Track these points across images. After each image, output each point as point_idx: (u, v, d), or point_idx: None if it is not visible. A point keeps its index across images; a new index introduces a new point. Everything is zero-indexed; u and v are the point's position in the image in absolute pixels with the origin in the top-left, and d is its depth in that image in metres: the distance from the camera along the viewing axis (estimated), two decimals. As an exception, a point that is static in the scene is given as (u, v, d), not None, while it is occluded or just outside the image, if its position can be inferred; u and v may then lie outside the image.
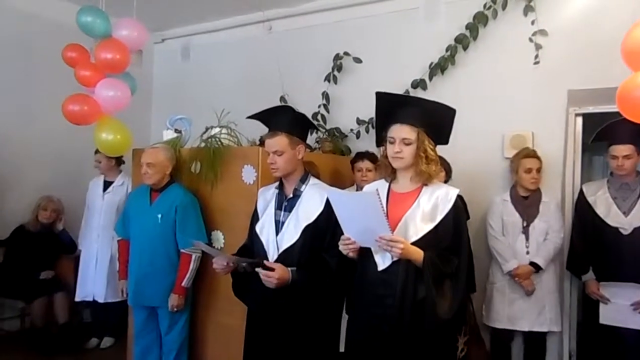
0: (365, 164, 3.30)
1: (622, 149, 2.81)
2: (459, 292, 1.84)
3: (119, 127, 3.35)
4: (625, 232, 2.83)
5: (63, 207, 4.17)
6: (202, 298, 3.14)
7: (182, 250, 2.96)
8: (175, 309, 2.92)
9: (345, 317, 2.11)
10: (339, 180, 3.45)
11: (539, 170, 3.15)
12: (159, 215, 2.93)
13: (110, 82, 3.24)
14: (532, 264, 3.08)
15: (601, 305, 2.89)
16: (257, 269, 2.11)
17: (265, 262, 2.13)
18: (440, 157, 3.06)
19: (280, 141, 2.16)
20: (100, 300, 3.90)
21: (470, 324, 3.25)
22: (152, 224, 2.94)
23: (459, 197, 1.95)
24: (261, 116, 2.32)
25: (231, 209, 3.00)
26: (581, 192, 3.06)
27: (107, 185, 4.05)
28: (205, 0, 4.39)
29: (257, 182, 2.88)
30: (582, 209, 3.02)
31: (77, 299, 3.99)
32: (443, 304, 1.79)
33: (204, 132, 3.21)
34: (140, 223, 3.01)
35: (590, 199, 2.98)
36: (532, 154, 3.19)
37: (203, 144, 3.13)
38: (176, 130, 3.38)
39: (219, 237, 3.07)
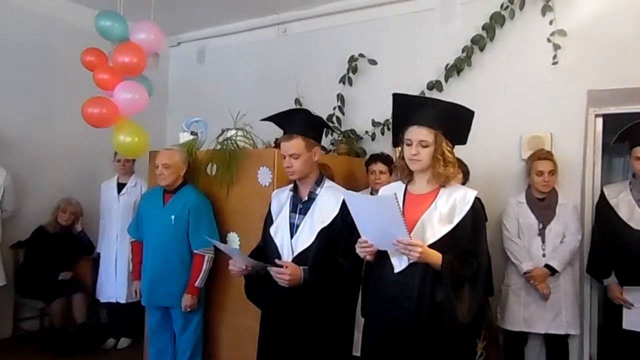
0: (379, 167, 3.27)
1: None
2: (477, 296, 1.82)
3: (137, 129, 3.38)
4: None
5: (82, 209, 4.23)
6: (215, 299, 3.16)
7: (195, 251, 2.98)
8: (188, 309, 2.94)
9: (361, 321, 2.09)
10: (353, 183, 3.44)
11: (551, 172, 3.09)
12: (173, 217, 2.96)
13: (129, 85, 3.27)
14: (547, 266, 3.03)
15: (624, 310, 2.83)
16: (268, 268, 2.11)
17: (276, 260, 2.12)
18: (458, 159, 3.04)
19: (296, 144, 2.15)
20: (122, 301, 3.95)
21: (489, 328, 3.21)
22: (166, 225, 2.96)
23: (478, 199, 1.93)
24: (276, 119, 2.31)
25: (247, 211, 3.01)
26: (602, 194, 3.00)
27: (120, 187, 4.09)
28: (220, 4, 4.42)
29: (273, 183, 2.89)
30: (604, 212, 2.96)
31: (102, 300, 4.05)
32: (462, 308, 1.76)
33: (220, 135, 3.23)
34: (154, 224, 3.03)
35: (612, 202, 2.91)
36: (544, 156, 3.13)
37: (219, 146, 3.15)
38: (192, 133, 3.41)
39: (234, 239, 3.08)
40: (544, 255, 3.07)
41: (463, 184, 3.03)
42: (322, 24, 4.42)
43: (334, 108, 4.24)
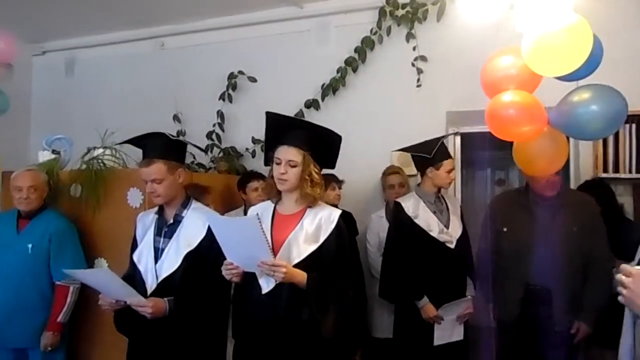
0: (261, 184, 3.27)
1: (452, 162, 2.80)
2: (341, 312, 1.88)
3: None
4: (451, 246, 2.71)
5: None
6: (83, 332, 2.91)
7: (57, 283, 2.72)
8: (49, 349, 2.66)
9: (232, 342, 2.07)
10: (232, 201, 3.40)
11: (401, 185, 3.34)
12: (30, 245, 2.68)
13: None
14: None
15: (436, 327, 2.68)
16: (129, 303, 2.01)
17: (136, 302, 2.01)
18: (332, 175, 3.13)
19: (157, 169, 2.08)
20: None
21: (366, 337, 3.35)
22: (21, 255, 2.68)
23: (347, 217, 2.01)
24: (134, 142, 2.24)
25: (116, 235, 2.82)
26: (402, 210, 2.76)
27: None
28: (91, 12, 4.13)
29: (144, 205, 2.76)
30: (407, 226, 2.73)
31: None
32: (327, 325, 1.82)
33: (86, 154, 3.02)
34: (6, 254, 2.71)
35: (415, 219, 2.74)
36: (393, 171, 3.40)
37: (84, 166, 2.93)
38: (54, 151, 3.14)
39: (102, 265, 2.87)
40: None
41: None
42: (201, 39, 4.34)
43: (214, 125, 4.17)
